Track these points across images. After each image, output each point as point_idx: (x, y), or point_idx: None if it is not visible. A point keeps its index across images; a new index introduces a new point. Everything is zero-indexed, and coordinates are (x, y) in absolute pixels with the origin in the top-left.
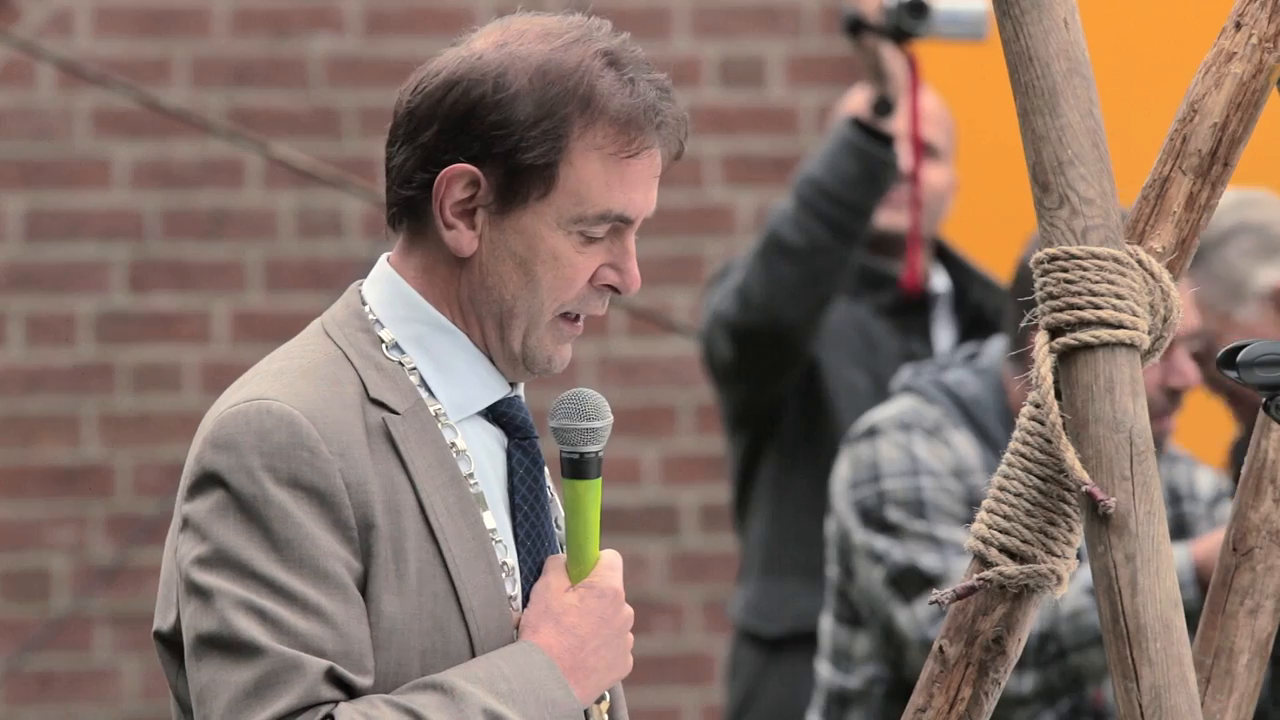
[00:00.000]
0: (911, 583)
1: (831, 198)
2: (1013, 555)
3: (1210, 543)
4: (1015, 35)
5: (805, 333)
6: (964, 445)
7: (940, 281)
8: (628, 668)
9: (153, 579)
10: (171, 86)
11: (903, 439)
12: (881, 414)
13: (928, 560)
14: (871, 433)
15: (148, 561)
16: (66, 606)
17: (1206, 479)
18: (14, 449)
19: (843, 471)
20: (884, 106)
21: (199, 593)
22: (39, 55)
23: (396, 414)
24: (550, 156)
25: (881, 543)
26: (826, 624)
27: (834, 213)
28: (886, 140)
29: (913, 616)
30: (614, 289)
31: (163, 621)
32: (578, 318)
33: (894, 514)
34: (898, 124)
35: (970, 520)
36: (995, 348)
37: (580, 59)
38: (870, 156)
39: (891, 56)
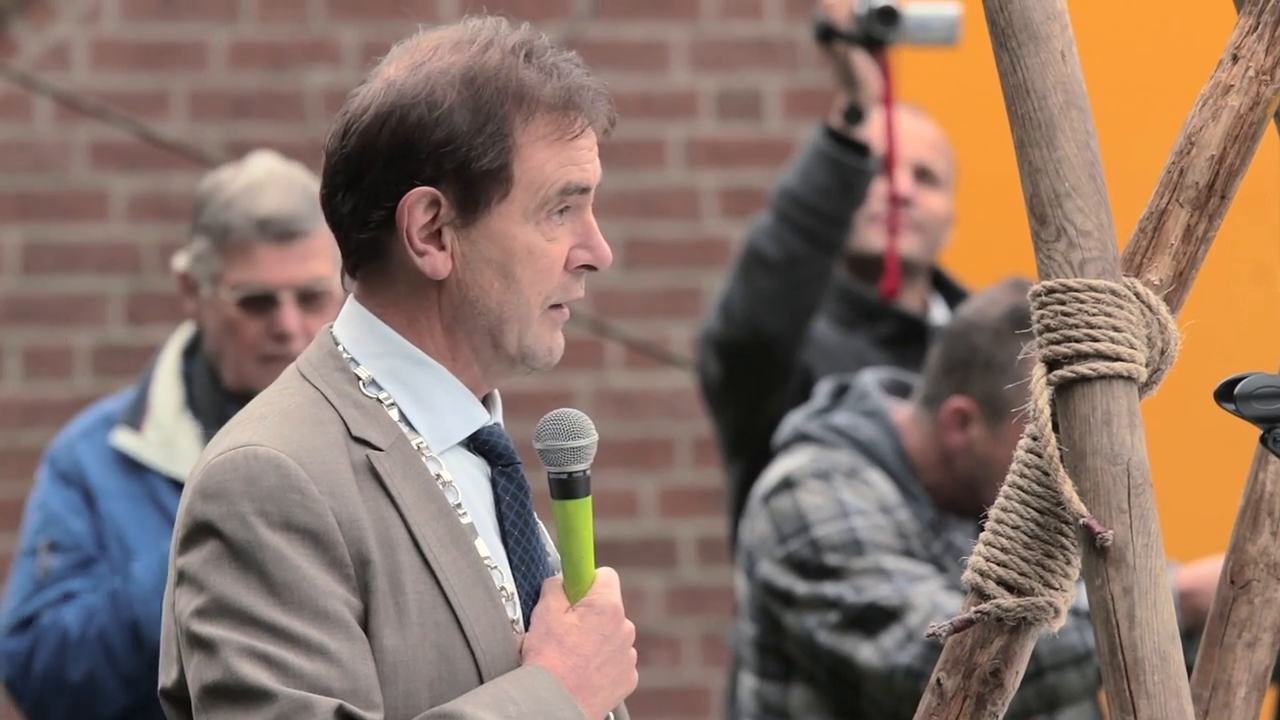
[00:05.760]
0: (873, 618)
1: (806, 208)
2: (1010, 588)
3: (1196, 572)
4: (1012, 67)
5: (789, 345)
6: (880, 483)
7: (940, 313)
8: (633, 683)
9: None
10: (169, 119)
11: (824, 486)
12: (789, 465)
13: (883, 592)
14: (788, 485)
15: None
16: None
17: None
18: (12, 482)
19: (761, 529)
20: (855, 114)
21: (201, 645)
22: (36, 88)
23: (380, 450)
24: (502, 158)
25: (831, 588)
26: (749, 683)
27: (809, 223)
28: (860, 148)
29: (878, 648)
30: (589, 267)
31: (166, 678)
32: (563, 305)
33: (833, 558)
34: (872, 132)
35: (907, 553)
36: (870, 386)
37: (500, 59)
38: (843, 165)
39: (864, 64)
